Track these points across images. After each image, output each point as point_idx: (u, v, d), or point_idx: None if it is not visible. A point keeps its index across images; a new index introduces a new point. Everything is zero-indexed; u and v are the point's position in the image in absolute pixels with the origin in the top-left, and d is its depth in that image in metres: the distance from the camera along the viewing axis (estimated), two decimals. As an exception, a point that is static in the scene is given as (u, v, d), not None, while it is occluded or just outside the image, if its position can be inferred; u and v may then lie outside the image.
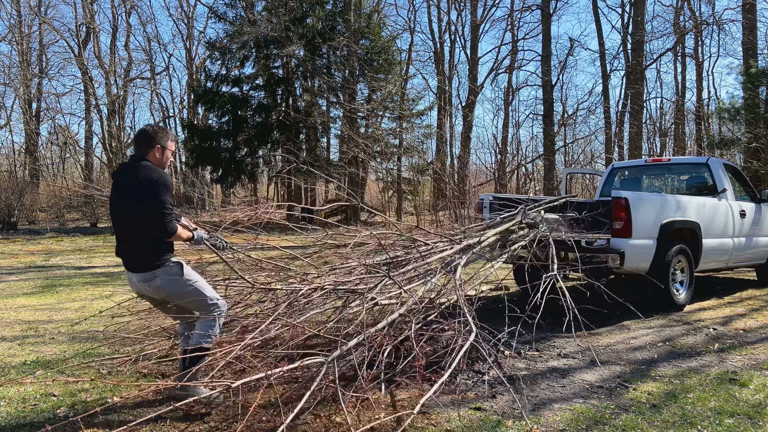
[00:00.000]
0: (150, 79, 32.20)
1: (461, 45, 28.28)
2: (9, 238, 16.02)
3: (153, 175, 3.17)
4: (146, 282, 3.22)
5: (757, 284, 7.97)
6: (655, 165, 8.30)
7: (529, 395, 3.54)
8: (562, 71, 25.89)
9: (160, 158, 3.36)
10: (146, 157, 3.30)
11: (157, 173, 3.19)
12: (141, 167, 3.21)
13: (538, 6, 23.43)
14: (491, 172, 27.73)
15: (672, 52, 25.03)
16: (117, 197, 3.29)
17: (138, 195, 3.14)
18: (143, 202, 3.12)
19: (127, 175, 3.25)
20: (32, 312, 6.10)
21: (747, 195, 7.44)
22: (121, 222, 3.26)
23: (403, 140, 23.04)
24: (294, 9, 21.96)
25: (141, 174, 3.16)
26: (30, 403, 3.40)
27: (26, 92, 25.45)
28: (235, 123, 22.63)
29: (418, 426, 3.05)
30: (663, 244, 5.81)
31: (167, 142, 3.38)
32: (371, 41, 22.32)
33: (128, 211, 3.20)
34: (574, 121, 26.96)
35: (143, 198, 3.12)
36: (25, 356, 4.35)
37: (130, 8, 30.47)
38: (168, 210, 3.11)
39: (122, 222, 3.26)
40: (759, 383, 3.75)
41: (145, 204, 3.12)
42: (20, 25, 25.85)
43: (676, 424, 3.09)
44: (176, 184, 28.62)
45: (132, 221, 3.19)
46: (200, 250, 3.65)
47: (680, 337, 5.01)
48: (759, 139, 13.87)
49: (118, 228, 3.30)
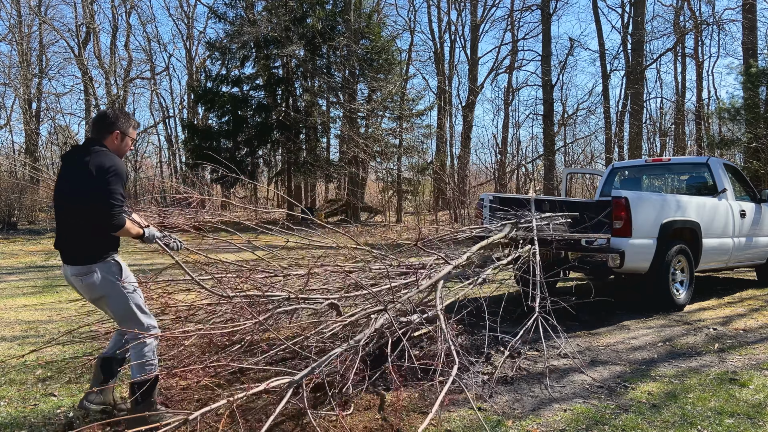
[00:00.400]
0: (150, 79, 32.22)
1: (461, 45, 28.34)
2: (9, 238, 16.02)
3: (106, 161, 2.88)
4: (80, 276, 2.91)
5: (757, 284, 7.97)
6: (655, 165, 8.30)
7: (529, 395, 3.54)
8: (562, 71, 25.93)
9: (119, 145, 3.06)
10: (103, 143, 3.01)
11: (111, 160, 2.90)
12: (94, 152, 2.92)
13: (538, 6, 23.45)
14: (491, 172, 27.78)
15: (672, 52, 25.06)
16: (63, 182, 2.97)
17: (86, 182, 2.83)
18: (91, 190, 2.82)
19: (78, 158, 2.92)
20: (32, 312, 6.09)
21: (747, 195, 7.44)
22: (64, 209, 2.96)
23: (403, 140, 23.05)
24: (294, 9, 21.97)
25: (93, 159, 2.87)
26: (30, 403, 3.40)
27: (26, 92, 25.45)
28: (235, 123, 22.65)
29: (419, 426, 3.05)
30: (663, 243, 5.80)
31: (129, 129, 3.09)
32: (371, 41, 22.33)
33: (73, 198, 2.90)
34: (574, 121, 26.99)
35: (92, 185, 2.82)
36: (25, 356, 4.35)
37: (130, 8, 30.51)
38: (118, 201, 2.83)
39: (65, 209, 2.95)
40: (759, 383, 3.75)
41: (94, 193, 2.82)
42: (20, 25, 25.86)
43: (676, 424, 3.09)
44: (176, 183, 28.61)
45: (77, 210, 2.89)
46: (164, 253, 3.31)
47: (680, 337, 5.01)
48: (759, 139, 13.88)
49: (60, 216, 2.99)
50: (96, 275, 2.90)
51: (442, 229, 7.67)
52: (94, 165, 2.85)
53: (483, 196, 6.70)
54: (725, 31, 28.44)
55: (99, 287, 2.91)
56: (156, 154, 34.11)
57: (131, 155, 29.94)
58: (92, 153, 2.91)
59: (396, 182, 22.83)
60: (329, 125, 24.67)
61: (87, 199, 2.84)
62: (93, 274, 2.90)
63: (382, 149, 22.20)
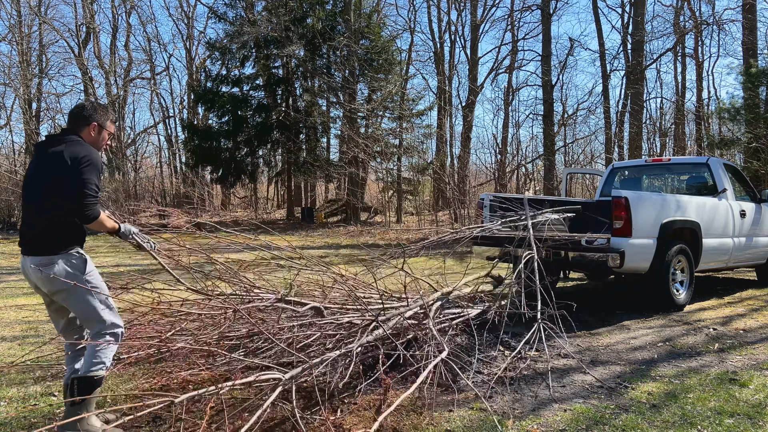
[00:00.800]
0: (150, 79, 32.20)
1: (461, 45, 28.29)
2: (9, 238, 16.02)
3: (81, 151, 2.78)
4: (40, 267, 2.75)
5: (757, 284, 7.97)
6: (655, 165, 8.30)
7: (529, 395, 3.54)
8: (562, 71, 25.90)
9: (96, 138, 2.97)
10: (80, 134, 2.92)
11: (86, 150, 2.80)
12: (70, 141, 2.83)
13: (538, 6, 23.43)
14: (491, 172, 27.77)
15: (672, 52, 25.04)
16: (34, 171, 2.85)
17: (60, 170, 2.74)
18: (65, 179, 2.73)
19: (52, 148, 2.82)
20: (32, 312, 6.09)
21: (747, 195, 7.44)
22: (34, 200, 2.84)
23: (403, 140, 23.05)
24: (294, 9, 21.97)
25: (68, 149, 2.78)
26: (30, 403, 3.40)
27: (26, 92, 25.44)
28: (235, 123, 22.65)
29: (418, 426, 3.05)
30: (663, 243, 5.80)
31: (106, 122, 3.01)
32: (371, 41, 22.33)
33: (46, 188, 2.80)
34: (574, 121, 26.97)
35: (65, 174, 2.72)
36: (25, 356, 4.35)
37: (130, 8, 30.49)
38: (92, 191, 2.74)
39: (35, 199, 2.84)
40: (759, 383, 3.75)
41: (68, 182, 2.72)
42: (20, 25, 25.84)
43: (676, 424, 3.09)
44: (176, 184, 28.65)
45: (47, 200, 2.79)
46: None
47: (680, 337, 5.01)
48: (759, 139, 13.87)
49: (28, 206, 2.87)
50: (57, 266, 2.76)
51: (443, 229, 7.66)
52: (68, 154, 2.75)
53: (483, 196, 6.70)
54: (725, 31, 28.48)
55: (59, 280, 2.75)
56: (156, 154, 34.13)
57: (131, 155, 29.94)
58: (67, 143, 2.83)
59: (396, 182, 22.83)
60: (329, 125, 24.67)
61: (60, 189, 2.74)
62: (54, 266, 2.76)
63: (382, 149, 22.20)
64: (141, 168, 31.39)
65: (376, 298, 4.43)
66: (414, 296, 4.45)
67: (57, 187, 2.76)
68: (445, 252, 5.60)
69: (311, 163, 22.31)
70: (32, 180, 2.87)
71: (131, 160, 30.50)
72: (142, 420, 3.08)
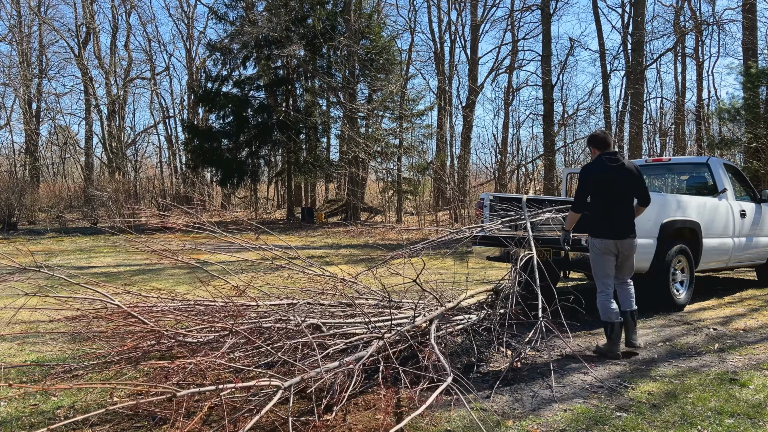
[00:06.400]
0: (150, 79, 32.21)
1: (461, 45, 28.24)
2: (9, 238, 16.02)
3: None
4: (634, 239, 4.70)
5: (757, 284, 7.97)
6: (655, 165, 8.30)
7: (529, 395, 3.54)
8: (562, 71, 25.86)
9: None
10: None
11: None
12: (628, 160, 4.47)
13: (538, 6, 23.41)
14: (491, 172, 27.76)
15: (672, 52, 25.02)
16: (624, 178, 4.53)
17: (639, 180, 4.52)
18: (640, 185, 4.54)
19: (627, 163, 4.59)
20: (32, 312, 6.09)
21: (747, 195, 7.44)
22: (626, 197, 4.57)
23: (403, 140, 23.05)
24: (294, 9, 21.98)
25: (630, 164, 4.59)
26: (30, 403, 3.40)
27: (26, 92, 25.46)
28: (236, 123, 22.65)
29: (419, 426, 3.05)
30: (663, 243, 5.80)
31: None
32: (371, 41, 22.33)
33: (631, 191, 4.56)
34: (574, 121, 26.94)
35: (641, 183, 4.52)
36: (25, 356, 4.35)
37: (130, 8, 30.51)
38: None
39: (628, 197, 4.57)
40: (759, 383, 3.75)
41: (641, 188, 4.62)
42: (20, 25, 25.87)
43: (676, 424, 3.09)
44: (176, 184, 28.65)
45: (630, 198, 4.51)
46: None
47: (680, 337, 5.01)
48: (759, 139, 13.87)
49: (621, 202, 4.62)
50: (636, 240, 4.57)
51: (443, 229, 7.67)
52: (635, 168, 4.55)
53: (483, 196, 6.69)
54: (725, 31, 28.43)
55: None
56: (156, 155, 34.14)
57: (131, 155, 29.96)
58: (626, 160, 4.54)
59: (396, 182, 22.82)
60: (329, 125, 24.67)
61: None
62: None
63: (383, 149, 22.20)
64: (141, 168, 31.42)
65: (376, 302, 4.43)
66: (417, 301, 4.43)
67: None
68: (445, 252, 5.58)
69: (311, 163, 22.31)
70: (624, 184, 4.50)
71: (131, 161, 30.53)
72: (142, 420, 3.08)
